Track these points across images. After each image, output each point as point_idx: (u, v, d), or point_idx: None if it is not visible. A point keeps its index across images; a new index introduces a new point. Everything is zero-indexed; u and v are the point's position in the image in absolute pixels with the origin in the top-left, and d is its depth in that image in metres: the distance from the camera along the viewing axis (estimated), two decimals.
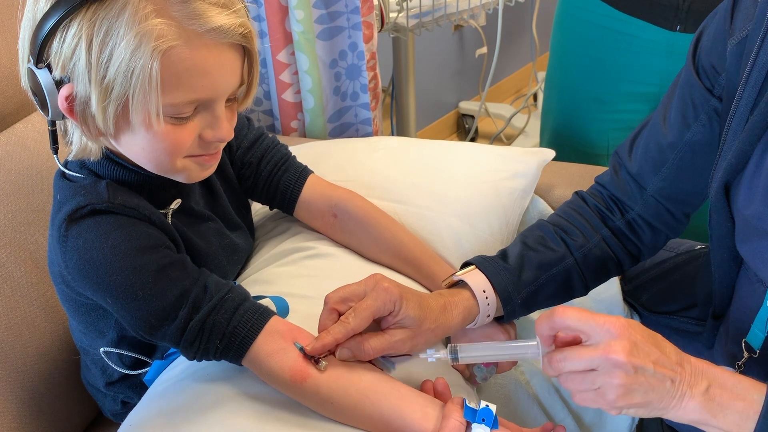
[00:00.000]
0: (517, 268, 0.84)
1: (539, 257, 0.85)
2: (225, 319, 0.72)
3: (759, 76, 0.67)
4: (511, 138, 2.63)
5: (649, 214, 0.85)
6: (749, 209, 0.68)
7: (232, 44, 0.67)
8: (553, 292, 0.85)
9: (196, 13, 0.64)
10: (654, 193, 0.84)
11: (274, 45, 1.38)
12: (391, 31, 1.63)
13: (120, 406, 0.92)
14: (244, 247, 0.94)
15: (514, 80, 3.03)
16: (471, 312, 0.81)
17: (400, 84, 1.79)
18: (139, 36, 0.62)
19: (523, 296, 0.83)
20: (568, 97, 1.43)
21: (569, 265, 0.85)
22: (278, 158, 0.94)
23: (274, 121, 1.51)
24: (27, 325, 0.93)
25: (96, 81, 0.63)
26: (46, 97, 0.66)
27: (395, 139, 1.17)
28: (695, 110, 0.78)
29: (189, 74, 0.65)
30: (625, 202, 0.87)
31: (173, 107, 0.66)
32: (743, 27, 0.70)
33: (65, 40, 0.63)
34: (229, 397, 0.73)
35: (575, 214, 0.89)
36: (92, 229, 0.70)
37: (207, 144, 0.72)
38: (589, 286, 0.88)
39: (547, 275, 0.84)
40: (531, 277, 0.84)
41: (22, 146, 0.99)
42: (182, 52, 0.64)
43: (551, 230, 0.88)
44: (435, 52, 2.49)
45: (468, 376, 0.88)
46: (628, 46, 1.25)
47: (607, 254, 0.87)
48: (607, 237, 0.87)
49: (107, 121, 0.66)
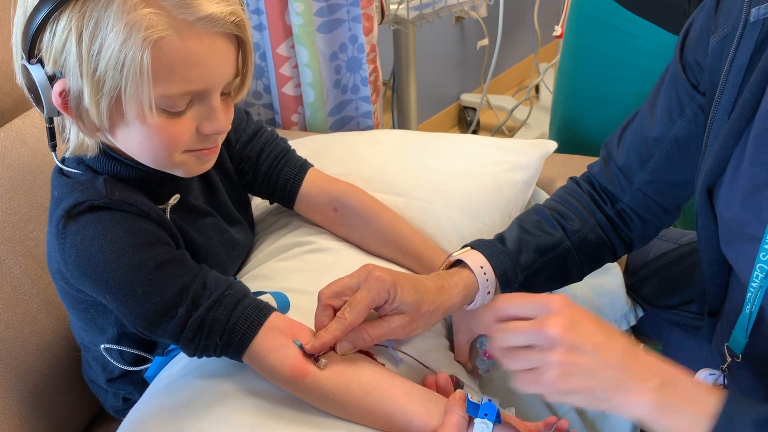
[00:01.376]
0: (516, 252, 0.83)
1: (537, 241, 0.84)
2: (225, 316, 0.71)
3: (736, 79, 0.66)
4: (513, 130, 2.62)
5: (638, 206, 0.85)
6: (729, 212, 0.67)
7: (225, 33, 0.66)
8: (550, 276, 0.84)
9: (186, 2, 0.62)
10: (641, 186, 0.83)
11: (273, 38, 1.37)
12: (392, 23, 1.63)
13: (121, 403, 0.92)
14: (244, 242, 0.93)
15: (516, 72, 3.01)
16: (470, 290, 0.79)
17: (401, 76, 1.78)
18: (128, 27, 0.61)
19: (521, 280, 0.82)
20: (576, 95, 1.42)
21: (566, 249, 0.84)
22: (278, 152, 0.93)
23: (274, 115, 1.50)
24: (27, 321, 0.93)
25: (87, 74, 0.63)
26: (40, 93, 0.65)
27: (396, 133, 1.17)
28: (681, 106, 0.77)
29: (181, 65, 0.64)
30: (614, 194, 0.87)
31: (167, 99, 0.65)
32: (725, 23, 0.68)
33: (55, 34, 0.63)
34: (230, 394, 0.73)
35: (571, 199, 0.88)
36: (90, 226, 0.70)
37: (205, 137, 0.71)
38: (584, 271, 0.88)
39: (545, 259, 0.83)
40: (529, 260, 0.83)
41: (21, 142, 0.99)
42: (173, 42, 0.63)
43: (548, 214, 0.87)
44: (436, 44, 2.48)
45: (470, 369, 0.88)
46: (638, 48, 1.24)
47: (601, 240, 0.87)
48: (601, 222, 0.86)
49: (101, 115, 0.65)
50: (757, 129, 0.63)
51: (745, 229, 0.63)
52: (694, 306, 0.90)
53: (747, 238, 0.63)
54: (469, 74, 2.74)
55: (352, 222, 0.93)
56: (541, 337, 0.60)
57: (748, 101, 0.64)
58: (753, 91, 0.63)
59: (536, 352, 0.61)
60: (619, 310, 1.00)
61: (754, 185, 0.62)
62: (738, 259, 0.67)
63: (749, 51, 0.64)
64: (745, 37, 0.64)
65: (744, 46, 0.64)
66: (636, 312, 1.02)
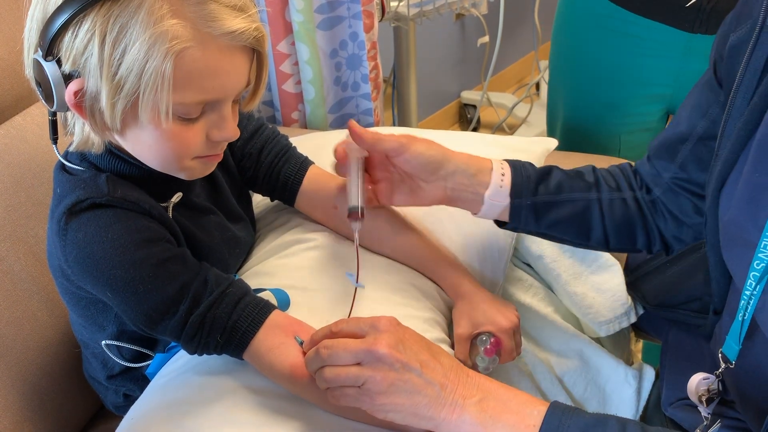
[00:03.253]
0: (542, 174, 0.83)
1: (567, 180, 0.84)
2: (226, 314, 0.72)
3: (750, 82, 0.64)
4: (514, 128, 2.62)
5: (670, 202, 0.83)
6: (727, 216, 0.66)
7: (244, 47, 0.67)
8: (567, 216, 0.83)
9: (212, 16, 0.64)
10: (669, 180, 0.82)
11: (274, 35, 1.37)
12: (392, 21, 1.62)
13: (122, 399, 0.92)
14: (245, 240, 0.93)
15: (517, 69, 3.01)
16: (482, 171, 0.82)
17: (401, 74, 1.78)
18: (154, 36, 0.62)
19: (535, 200, 0.82)
20: (578, 101, 1.39)
21: (592, 198, 0.84)
22: (279, 149, 0.93)
23: (274, 113, 1.50)
24: (28, 318, 0.93)
25: (107, 77, 0.63)
26: (52, 89, 0.65)
27: (397, 130, 1.17)
28: (708, 103, 0.76)
29: (200, 75, 0.65)
30: (649, 185, 0.85)
31: (183, 107, 0.66)
32: (745, 23, 0.67)
33: (78, 36, 0.63)
34: (230, 390, 0.73)
35: (618, 171, 0.88)
36: (92, 223, 0.70)
37: (214, 144, 0.72)
38: (609, 240, 0.85)
39: (568, 196, 0.83)
40: (552, 189, 0.83)
41: (21, 139, 0.98)
42: (195, 53, 0.64)
43: (591, 168, 0.87)
44: (436, 41, 2.48)
45: (470, 366, 0.88)
46: (642, 49, 1.22)
47: (637, 214, 0.85)
48: (640, 198, 0.85)
49: (115, 117, 0.66)
50: (761, 134, 0.62)
51: (742, 234, 0.63)
52: (695, 305, 0.89)
53: (744, 243, 0.62)
54: (470, 71, 2.74)
55: None
56: (369, 355, 0.63)
57: (757, 106, 0.63)
58: (762, 96, 0.62)
59: (364, 369, 0.64)
60: (619, 307, 1.00)
61: (754, 190, 0.62)
62: (734, 264, 0.67)
63: (765, 55, 0.63)
64: (761, 41, 0.63)
65: (760, 50, 0.63)
66: (636, 310, 1.02)
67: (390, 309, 0.84)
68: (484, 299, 0.89)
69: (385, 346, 0.63)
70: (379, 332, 0.65)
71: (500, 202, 0.82)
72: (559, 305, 1.04)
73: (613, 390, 0.98)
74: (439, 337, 0.87)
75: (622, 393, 0.98)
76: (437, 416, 0.64)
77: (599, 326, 1.00)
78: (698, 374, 0.73)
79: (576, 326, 1.02)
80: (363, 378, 0.64)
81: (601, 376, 0.99)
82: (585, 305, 1.00)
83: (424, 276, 0.92)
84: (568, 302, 1.02)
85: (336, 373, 0.65)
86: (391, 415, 0.65)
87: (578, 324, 1.04)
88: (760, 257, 0.59)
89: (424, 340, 0.68)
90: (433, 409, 0.64)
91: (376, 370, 0.63)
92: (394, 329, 0.66)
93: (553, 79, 1.46)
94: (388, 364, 0.63)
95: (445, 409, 0.64)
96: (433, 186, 0.82)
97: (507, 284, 1.01)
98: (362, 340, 0.65)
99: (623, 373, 0.98)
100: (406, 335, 0.66)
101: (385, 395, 0.63)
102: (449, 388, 0.64)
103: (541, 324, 1.01)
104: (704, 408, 0.72)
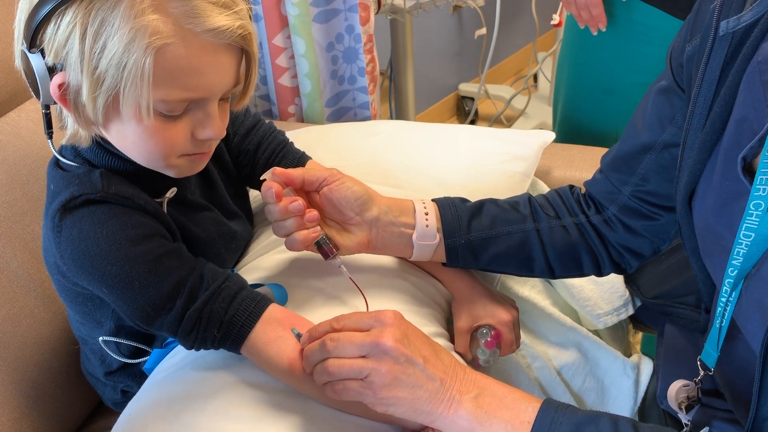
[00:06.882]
0: (474, 210, 0.83)
1: (501, 213, 0.83)
2: (222, 308, 0.71)
3: (707, 92, 0.64)
4: (512, 120, 2.62)
5: (627, 215, 0.81)
6: (701, 223, 0.66)
7: (230, 45, 0.66)
8: (506, 250, 0.83)
9: (195, 12, 0.62)
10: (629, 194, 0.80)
11: (269, 29, 1.36)
12: (389, 13, 1.62)
13: (120, 395, 0.92)
14: (242, 235, 0.93)
15: (514, 61, 3.00)
16: (403, 212, 0.82)
17: (398, 67, 1.77)
18: (133, 31, 0.61)
19: (470, 237, 0.82)
20: (576, 86, 1.41)
21: (529, 229, 0.83)
22: (275, 145, 0.93)
23: (271, 106, 1.50)
24: (25, 315, 0.92)
25: (88, 71, 0.63)
26: (38, 81, 0.65)
27: (394, 123, 1.16)
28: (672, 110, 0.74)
29: (182, 73, 0.64)
30: (602, 202, 0.84)
31: (165, 103, 0.65)
32: (699, 32, 0.66)
33: (60, 27, 0.62)
34: (228, 385, 0.73)
35: (557, 197, 0.87)
36: (86, 219, 0.70)
37: (200, 143, 0.71)
38: (554, 268, 0.85)
39: (503, 230, 0.83)
40: (486, 225, 0.82)
41: (16, 135, 0.98)
42: (177, 50, 0.63)
43: (526, 198, 0.86)
44: (433, 33, 2.47)
45: (471, 359, 0.88)
46: (643, 36, 1.23)
47: (580, 240, 0.84)
48: (582, 224, 0.84)
49: (97, 111, 0.65)
50: (727, 143, 0.62)
51: (719, 240, 0.63)
52: (690, 299, 0.89)
53: (722, 249, 0.62)
54: (467, 64, 2.73)
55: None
56: (375, 347, 0.64)
57: (718, 115, 0.63)
58: (722, 105, 0.62)
59: (368, 361, 0.64)
60: (617, 300, 1.00)
61: (726, 198, 0.61)
62: (714, 270, 0.67)
63: (719, 65, 0.62)
64: (715, 50, 0.63)
65: (714, 60, 0.63)
66: (634, 302, 1.02)
67: (388, 304, 0.84)
68: (484, 293, 0.89)
69: (392, 339, 0.64)
70: (385, 325, 0.65)
71: (430, 242, 0.82)
72: (557, 298, 1.04)
73: (612, 382, 0.99)
74: (437, 332, 0.87)
75: (620, 385, 0.98)
76: (435, 411, 0.65)
77: (597, 318, 1.00)
78: (678, 381, 0.74)
79: (574, 319, 1.02)
80: (367, 370, 0.64)
81: (599, 368, 0.99)
82: (583, 298, 1.00)
83: (422, 270, 0.92)
84: (566, 295, 1.03)
85: (340, 364, 0.65)
86: (391, 408, 0.65)
87: (576, 316, 1.04)
88: (733, 264, 0.59)
89: (425, 335, 0.68)
90: (432, 404, 0.64)
91: (381, 363, 0.64)
92: (399, 323, 0.66)
93: (560, 64, 1.48)
94: (393, 357, 0.63)
95: (442, 404, 0.64)
96: (360, 229, 0.81)
97: (505, 277, 1.01)
98: (368, 333, 0.65)
99: (621, 365, 0.98)
100: (410, 330, 0.67)
101: (388, 388, 0.64)
102: (448, 383, 0.65)
103: (539, 317, 1.01)
104: (684, 415, 0.73)
